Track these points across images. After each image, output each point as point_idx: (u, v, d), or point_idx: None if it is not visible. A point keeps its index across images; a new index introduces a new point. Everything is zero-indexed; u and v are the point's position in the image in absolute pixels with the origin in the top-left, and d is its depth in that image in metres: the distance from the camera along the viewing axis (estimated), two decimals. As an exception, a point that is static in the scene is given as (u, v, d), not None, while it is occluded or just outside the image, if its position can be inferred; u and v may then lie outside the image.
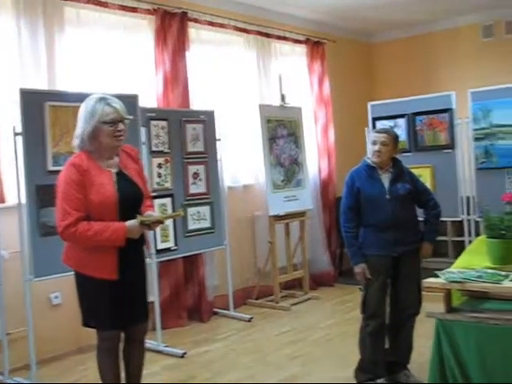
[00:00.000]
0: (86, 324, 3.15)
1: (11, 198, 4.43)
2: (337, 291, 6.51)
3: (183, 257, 5.35)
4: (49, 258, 4.01)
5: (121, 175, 3.04)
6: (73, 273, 3.08)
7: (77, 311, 4.71)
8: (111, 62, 5.15)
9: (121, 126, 2.97)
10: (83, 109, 2.98)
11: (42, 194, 4.05)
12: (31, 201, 4.03)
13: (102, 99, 2.97)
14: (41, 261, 4.04)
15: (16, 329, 4.26)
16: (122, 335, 3.21)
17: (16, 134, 3.99)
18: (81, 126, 2.96)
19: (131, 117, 3.13)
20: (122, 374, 3.24)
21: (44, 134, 4.10)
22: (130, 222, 2.93)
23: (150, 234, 4.13)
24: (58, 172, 3.97)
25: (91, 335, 4.76)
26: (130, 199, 3.03)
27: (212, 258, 5.74)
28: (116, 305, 3.02)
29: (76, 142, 3.01)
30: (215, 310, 5.73)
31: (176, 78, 5.48)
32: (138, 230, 2.97)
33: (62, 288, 4.68)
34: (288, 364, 4.33)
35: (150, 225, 3.04)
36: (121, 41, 5.23)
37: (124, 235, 2.91)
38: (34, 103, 4.06)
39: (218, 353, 4.66)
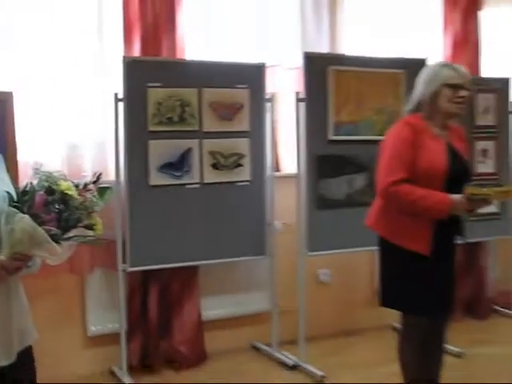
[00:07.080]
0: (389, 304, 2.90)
1: (287, 167, 4.30)
2: None
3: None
4: (323, 233, 3.81)
5: (451, 148, 2.81)
6: (344, 250, 2.87)
7: (345, 292, 4.55)
8: (395, 23, 4.70)
9: (463, 93, 2.76)
10: (425, 72, 2.86)
11: (321, 164, 3.82)
12: (310, 171, 3.82)
13: (447, 64, 2.90)
14: (315, 235, 3.83)
15: (284, 302, 4.12)
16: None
17: (299, 100, 3.80)
18: (419, 90, 2.84)
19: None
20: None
21: (326, 101, 3.85)
22: (456, 197, 2.64)
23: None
24: (338, 142, 3.86)
25: (357, 319, 4.56)
26: (459, 175, 2.77)
27: (494, 247, 5.02)
28: (436, 286, 2.77)
29: (409, 106, 2.89)
30: (495, 307, 5.03)
31: (466, 41, 4.84)
32: (465, 207, 2.66)
33: (332, 266, 4.46)
34: None
35: (478, 202, 2.65)
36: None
37: (448, 208, 2.63)
38: (317, 68, 3.82)
39: (498, 358, 4.03)
